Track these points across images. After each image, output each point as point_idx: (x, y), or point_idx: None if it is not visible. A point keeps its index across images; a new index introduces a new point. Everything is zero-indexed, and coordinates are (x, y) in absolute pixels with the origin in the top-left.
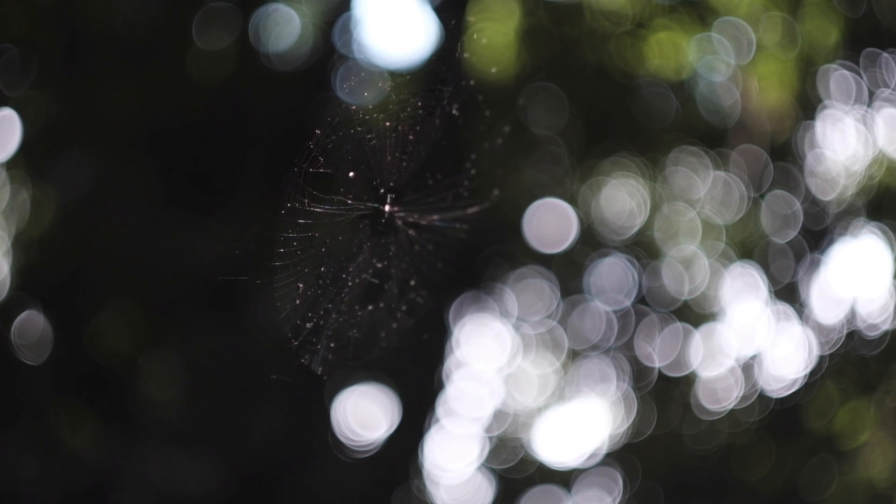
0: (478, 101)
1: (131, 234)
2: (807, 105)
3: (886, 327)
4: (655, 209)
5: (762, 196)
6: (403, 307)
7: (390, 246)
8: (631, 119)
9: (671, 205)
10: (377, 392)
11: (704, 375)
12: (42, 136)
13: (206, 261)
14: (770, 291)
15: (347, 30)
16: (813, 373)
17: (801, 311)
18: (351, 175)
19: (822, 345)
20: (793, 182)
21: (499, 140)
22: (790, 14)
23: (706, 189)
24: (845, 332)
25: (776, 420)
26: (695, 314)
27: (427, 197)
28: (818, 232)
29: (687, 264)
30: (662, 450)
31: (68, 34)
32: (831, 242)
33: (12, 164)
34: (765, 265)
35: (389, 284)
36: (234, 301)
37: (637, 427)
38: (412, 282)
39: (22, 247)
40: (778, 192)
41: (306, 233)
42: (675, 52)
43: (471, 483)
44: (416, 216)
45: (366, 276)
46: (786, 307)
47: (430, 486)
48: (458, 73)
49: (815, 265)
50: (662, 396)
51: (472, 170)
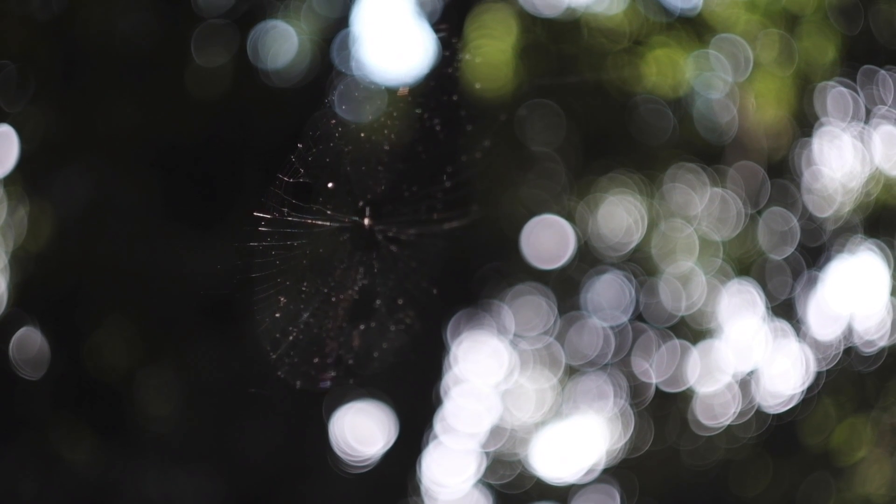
0: (462, 117)
1: (129, 250)
2: (804, 122)
3: (883, 344)
4: (653, 226)
5: (759, 213)
6: (392, 326)
7: (373, 262)
8: (628, 136)
9: (668, 221)
10: (375, 409)
11: (702, 391)
12: (40, 152)
13: (204, 276)
14: (767, 307)
15: (346, 46)
16: (810, 389)
17: (798, 328)
18: (329, 186)
19: (819, 361)
20: (790, 199)
21: (477, 154)
22: (787, 31)
23: (703, 205)
24: (842, 349)
25: (774, 436)
26: (692, 330)
27: (405, 210)
28: (815, 248)
29: (684, 280)
30: (659, 466)
31: (66, 50)
32: (828, 259)
33: (10, 180)
34: (762, 281)
35: (377, 302)
36: (232, 316)
37: (634, 443)
38: (399, 300)
39: (20, 262)
40: (775, 209)
41: (284, 243)
42: (673, 70)
43: (468, 499)
44: (395, 230)
45: (350, 292)
46: (783, 323)
47: (428, 502)
48: (448, 90)
49: (812, 282)
50: (660, 412)
51: (448, 183)
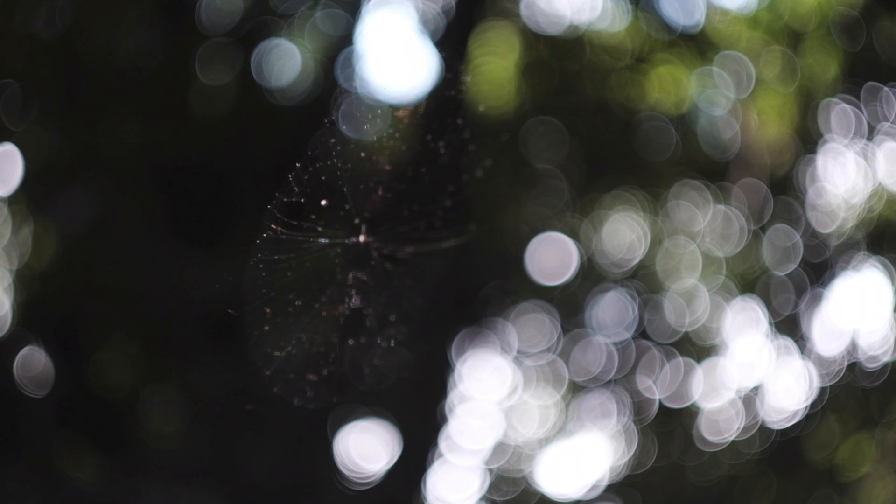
0: (464, 136)
1: (133, 269)
2: (807, 139)
3: (887, 359)
4: (656, 242)
5: (763, 229)
6: (384, 343)
7: (366, 279)
8: (631, 153)
9: (672, 238)
10: (379, 426)
11: (706, 407)
12: (44, 171)
13: (207, 295)
14: (771, 323)
15: (349, 64)
16: (814, 405)
17: (802, 344)
18: (322, 203)
19: (823, 377)
20: (793, 215)
21: (478, 173)
22: (790, 48)
23: (706, 222)
24: (846, 364)
25: (778, 452)
26: (696, 347)
27: (401, 228)
28: (818, 264)
29: (687, 297)
30: (663, 482)
31: (70, 69)
32: (832, 275)
33: (14, 200)
34: (765, 297)
35: (369, 319)
36: (235, 334)
37: (638, 459)
38: (392, 317)
39: (24, 282)
40: (778, 226)
41: (275, 257)
42: (676, 86)
43: None
44: (391, 248)
45: (343, 309)
46: (786, 339)
47: None
48: (451, 109)
49: (816, 298)
50: (663, 429)
51: (448, 201)
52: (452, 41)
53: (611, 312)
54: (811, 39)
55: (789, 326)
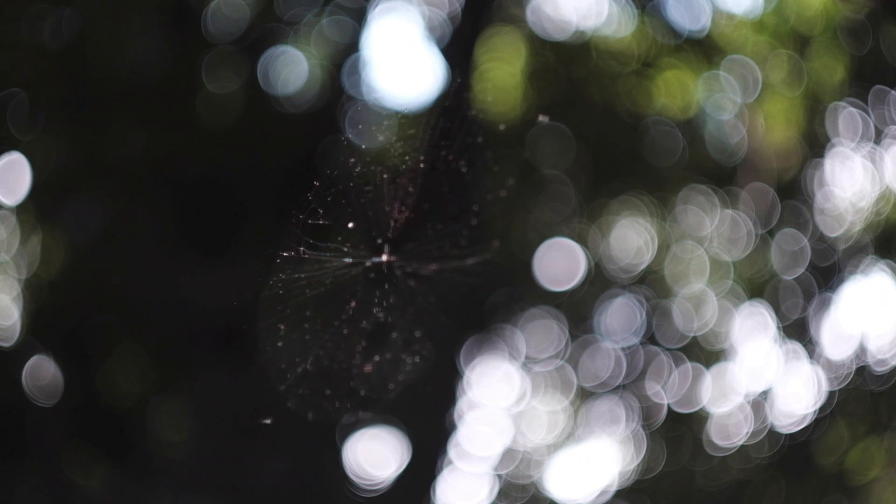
0: (487, 157)
1: (141, 278)
2: (814, 142)
3: (895, 363)
4: (664, 247)
5: (770, 233)
6: (409, 360)
7: (390, 296)
8: (639, 158)
9: (679, 243)
10: (388, 434)
11: (714, 412)
12: (52, 180)
13: (215, 304)
14: (779, 328)
15: (356, 71)
16: (822, 409)
17: (811, 348)
18: (350, 226)
19: (832, 381)
20: (801, 219)
21: (503, 192)
22: (796, 52)
23: (714, 227)
24: (854, 368)
25: (787, 456)
26: (704, 351)
27: (426, 247)
28: (826, 268)
29: (696, 302)
30: (673, 487)
31: (77, 79)
32: (840, 279)
33: (22, 209)
34: (774, 302)
35: (394, 336)
36: (244, 343)
37: (647, 464)
38: (417, 333)
39: (33, 291)
40: (786, 230)
41: (294, 276)
42: (682, 91)
43: None
44: (415, 266)
45: (365, 326)
46: (795, 344)
47: None
48: (468, 128)
49: (824, 301)
50: (672, 433)
51: (473, 220)
52: (459, 47)
53: (619, 318)
54: (818, 43)
55: (798, 330)
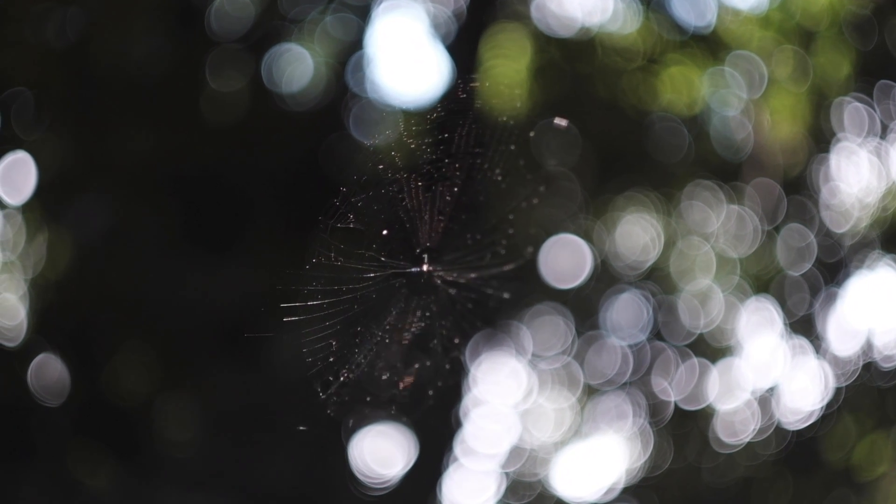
0: (519, 166)
1: (147, 276)
2: (820, 138)
3: None
4: (670, 244)
5: (776, 229)
6: (447, 365)
7: (431, 305)
8: (644, 154)
9: (686, 239)
10: (394, 431)
11: (721, 409)
12: (57, 179)
13: (221, 302)
14: (786, 324)
15: (360, 68)
16: (829, 405)
17: (817, 344)
18: (385, 233)
19: (839, 376)
20: (807, 215)
21: (535, 200)
22: (802, 48)
23: (720, 223)
24: (861, 364)
25: (794, 453)
26: (711, 348)
27: (466, 256)
28: (833, 264)
29: (702, 298)
30: (680, 484)
31: (82, 78)
32: (846, 275)
33: (28, 208)
34: (780, 298)
35: (433, 343)
36: (250, 342)
37: (654, 461)
38: (456, 339)
39: (39, 290)
40: (792, 225)
41: (334, 287)
42: (688, 87)
43: None
44: (455, 275)
45: (405, 334)
46: (802, 339)
47: None
48: (501, 137)
49: (831, 297)
50: (679, 430)
51: (510, 229)
52: (464, 44)
53: (625, 314)
54: (823, 38)
55: (804, 326)
